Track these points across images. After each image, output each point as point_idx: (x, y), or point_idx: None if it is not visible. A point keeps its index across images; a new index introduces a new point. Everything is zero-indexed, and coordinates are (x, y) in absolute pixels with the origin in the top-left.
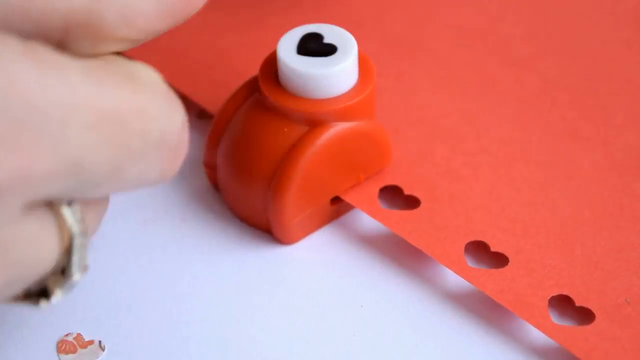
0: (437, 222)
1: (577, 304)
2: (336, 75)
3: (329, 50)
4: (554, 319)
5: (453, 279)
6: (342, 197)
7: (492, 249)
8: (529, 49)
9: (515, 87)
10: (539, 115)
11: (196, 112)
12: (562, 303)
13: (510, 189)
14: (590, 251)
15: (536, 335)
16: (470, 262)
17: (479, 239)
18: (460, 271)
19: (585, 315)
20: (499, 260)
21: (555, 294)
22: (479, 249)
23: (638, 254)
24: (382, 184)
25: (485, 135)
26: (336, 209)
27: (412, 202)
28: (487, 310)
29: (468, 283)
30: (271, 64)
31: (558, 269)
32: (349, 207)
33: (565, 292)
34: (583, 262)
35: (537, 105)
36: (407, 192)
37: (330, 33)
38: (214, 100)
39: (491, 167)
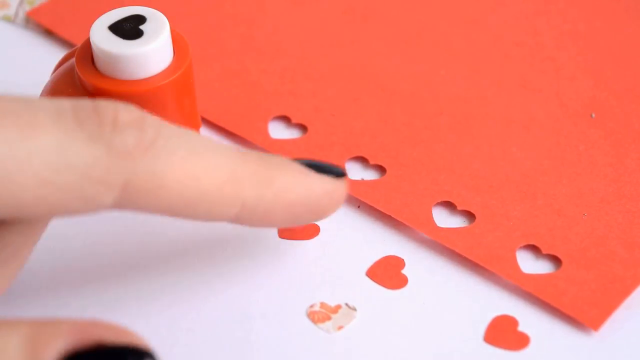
0: (404, 187)
1: (544, 251)
2: (126, 59)
3: (136, 33)
4: (524, 268)
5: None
6: None
7: (459, 208)
8: (476, 7)
9: (467, 46)
10: (492, 71)
11: None
12: (530, 252)
13: (471, 147)
14: (552, 199)
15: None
16: (439, 223)
17: (445, 199)
18: (430, 232)
19: (553, 262)
20: (467, 217)
21: (522, 244)
22: (447, 209)
23: (597, 198)
24: (348, 156)
25: (442, 96)
26: None
27: (378, 171)
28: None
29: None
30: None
31: (523, 220)
32: None
33: (531, 242)
34: (546, 211)
35: (489, 62)
36: (372, 161)
37: (152, 17)
38: None
39: (450, 127)
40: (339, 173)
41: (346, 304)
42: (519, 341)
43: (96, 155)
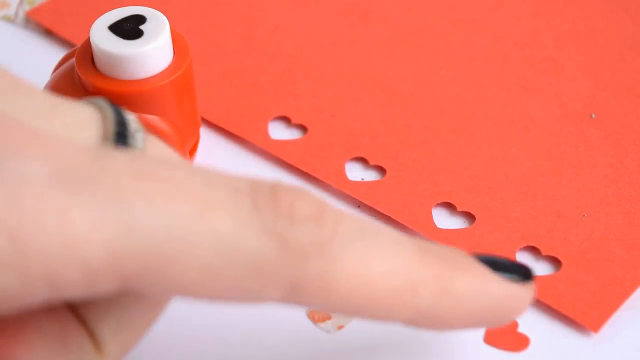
0: (404, 188)
1: (544, 253)
2: (124, 60)
3: (136, 33)
4: None
5: None
6: (309, 171)
7: (459, 209)
8: (476, 8)
9: (467, 46)
10: (492, 72)
11: None
12: (530, 254)
13: (471, 148)
14: (552, 201)
15: None
16: (439, 224)
17: (445, 200)
18: (430, 233)
19: (552, 264)
20: (467, 218)
21: (522, 245)
22: (447, 210)
23: (597, 199)
24: (348, 157)
25: (442, 96)
26: None
27: (378, 172)
28: None
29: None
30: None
31: (523, 221)
32: None
33: (531, 243)
34: (546, 212)
35: (489, 62)
36: (372, 162)
37: (152, 17)
38: None
39: (450, 128)
40: (526, 274)
41: None
42: (518, 342)
43: (268, 249)
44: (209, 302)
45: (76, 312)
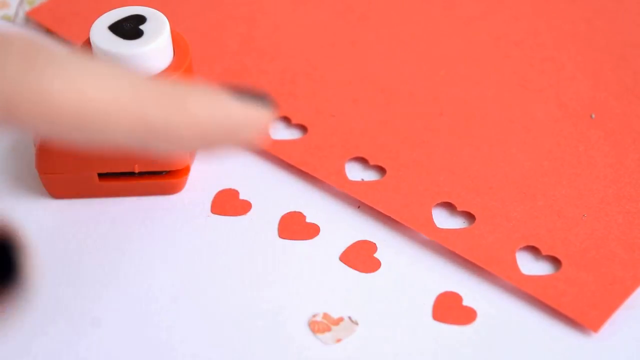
0: (404, 188)
1: (544, 253)
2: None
3: (136, 33)
4: (523, 269)
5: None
6: (309, 171)
7: (459, 209)
8: (476, 7)
9: (467, 46)
10: (492, 72)
11: None
12: (530, 254)
13: (471, 148)
14: (552, 200)
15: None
16: (439, 224)
17: (445, 200)
18: (430, 233)
19: (552, 264)
20: (466, 218)
21: (522, 245)
22: (447, 210)
23: (597, 199)
24: (348, 157)
25: (442, 96)
26: (106, 186)
27: (378, 172)
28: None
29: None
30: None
31: (523, 221)
32: (123, 192)
33: (531, 243)
34: (546, 212)
35: (489, 62)
36: (372, 162)
37: (152, 17)
38: None
39: (450, 128)
40: (264, 100)
41: (349, 318)
42: (466, 316)
43: None
44: None
45: None
